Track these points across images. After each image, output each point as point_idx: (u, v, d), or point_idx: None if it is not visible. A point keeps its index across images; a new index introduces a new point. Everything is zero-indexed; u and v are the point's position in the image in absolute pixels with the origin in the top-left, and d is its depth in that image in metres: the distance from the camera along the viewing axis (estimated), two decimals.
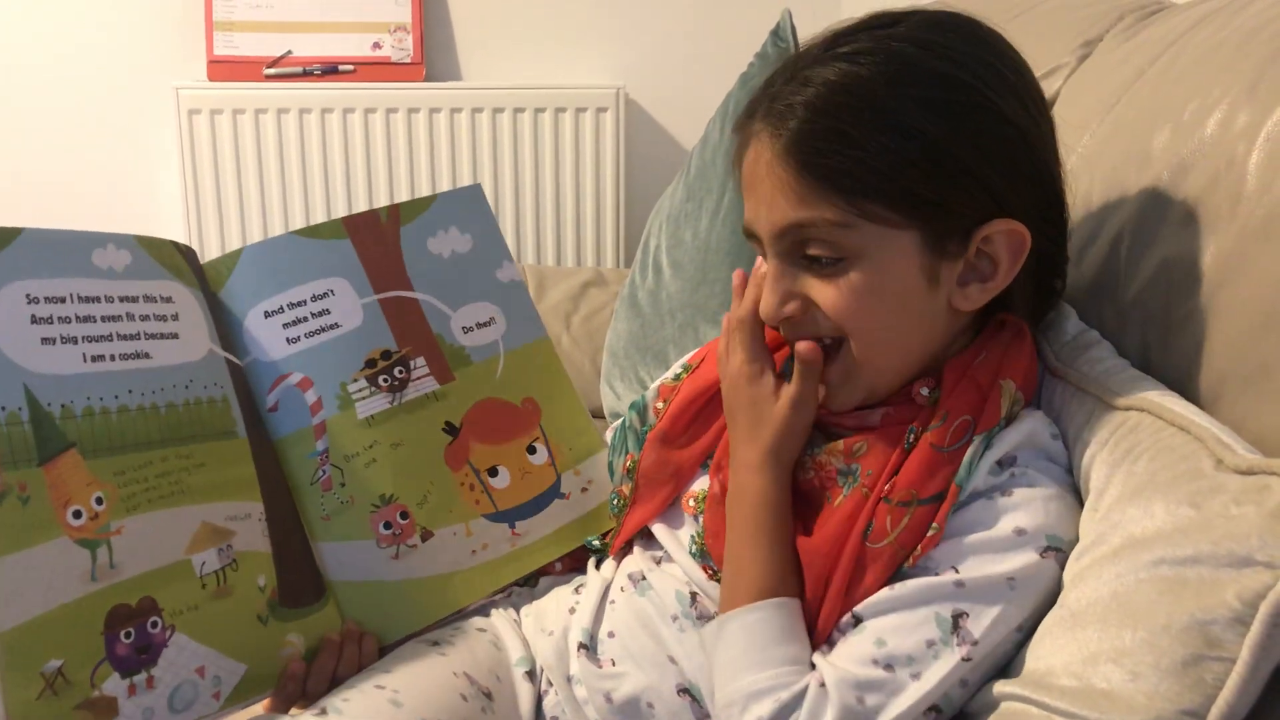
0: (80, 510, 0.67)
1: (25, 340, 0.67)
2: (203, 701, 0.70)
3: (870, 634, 0.67)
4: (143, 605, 0.68)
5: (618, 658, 0.80)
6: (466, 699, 0.76)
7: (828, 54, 0.70)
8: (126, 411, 0.72)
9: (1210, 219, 0.71)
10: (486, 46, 2.02)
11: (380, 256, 0.91)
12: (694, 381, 0.87)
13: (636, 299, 1.38)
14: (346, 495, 0.85)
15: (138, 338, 0.74)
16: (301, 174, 1.92)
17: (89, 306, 0.72)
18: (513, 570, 0.91)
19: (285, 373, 0.86)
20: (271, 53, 1.92)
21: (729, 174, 1.28)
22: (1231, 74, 0.74)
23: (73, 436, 0.68)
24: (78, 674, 0.64)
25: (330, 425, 0.86)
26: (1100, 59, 0.96)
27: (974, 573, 0.66)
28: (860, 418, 0.75)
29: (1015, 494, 0.68)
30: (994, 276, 0.71)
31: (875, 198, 0.68)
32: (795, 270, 0.72)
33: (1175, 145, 0.76)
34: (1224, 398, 0.68)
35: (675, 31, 2.05)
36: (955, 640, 0.65)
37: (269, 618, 0.77)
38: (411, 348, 0.90)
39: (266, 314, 0.86)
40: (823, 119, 0.68)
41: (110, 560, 0.67)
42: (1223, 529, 0.55)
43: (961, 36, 0.71)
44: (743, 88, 1.35)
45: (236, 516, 0.77)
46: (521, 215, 2.00)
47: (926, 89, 0.68)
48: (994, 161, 0.68)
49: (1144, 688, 0.55)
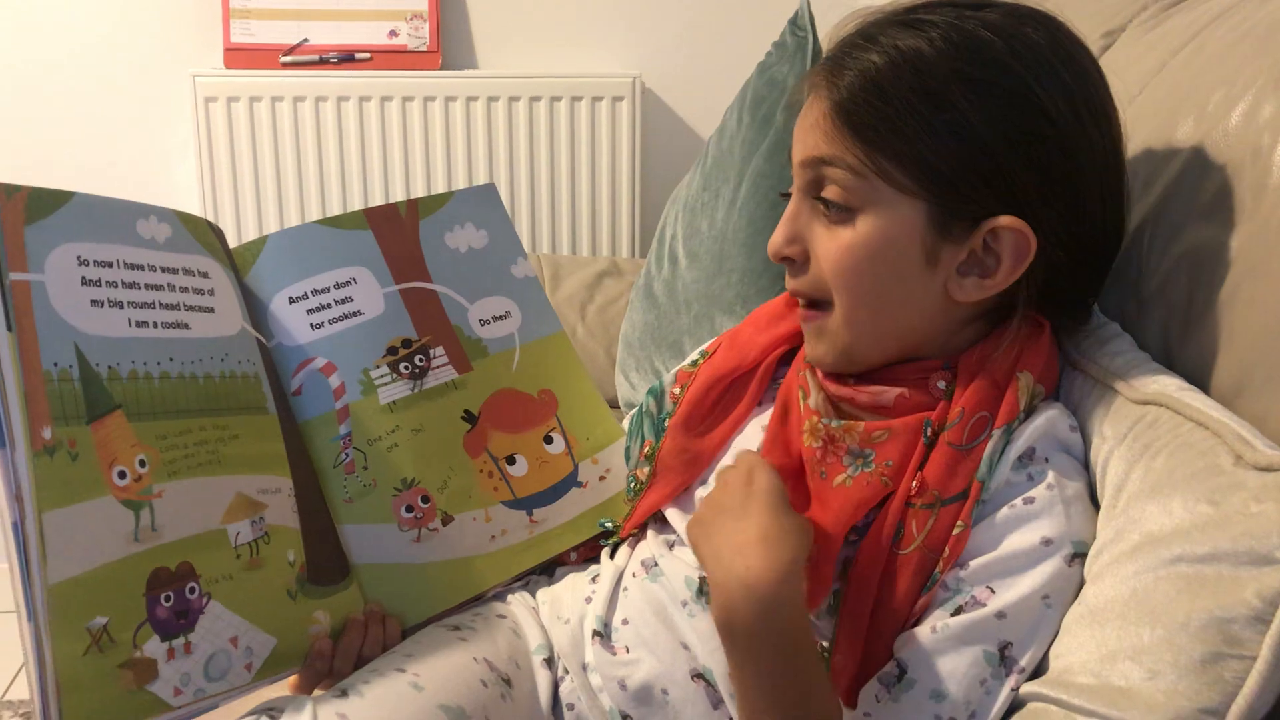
0: (125, 471, 0.67)
1: (76, 301, 0.68)
2: (235, 672, 0.70)
3: (923, 690, 0.66)
4: (181, 570, 0.69)
5: (631, 645, 0.80)
6: (486, 685, 0.77)
7: (902, 18, 0.71)
8: (168, 378, 0.72)
9: (1234, 211, 0.71)
10: (503, 35, 2.02)
11: (400, 248, 0.93)
12: (711, 368, 0.87)
13: (652, 289, 1.37)
14: (369, 478, 0.86)
15: (178, 308, 0.75)
16: (318, 161, 1.92)
17: (134, 273, 0.73)
18: (531, 556, 0.92)
19: (309, 357, 0.87)
20: (288, 40, 1.92)
21: (746, 164, 1.28)
22: (1256, 65, 0.73)
23: (119, 398, 0.68)
24: (121, 633, 0.64)
25: (353, 410, 0.87)
26: (1123, 49, 0.95)
27: (1010, 597, 0.66)
28: (875, 394, 0.74)
29: (1037, 500, 0.68)
30: (994, 274, 0.70)
31: (891, 157, 0.69)
32: (809, 214, 0.74)
33: (1199, 136, 0.75)
34: (1246, 393, 0.67)
35: (692, 20, 2.04)
36: (1004, 671, 0.65)
37: (298, 593, 0.78)
38: (431, 337, 0.92)
39: (291, 299, 0.88)
40: (872, 73, 0.70)
41: (152, 523, 0.68)
42: (1242, 526, 0.55)
43: (1036, 31, 0.70)
44: (760, 77, 1.34)
45: (268, 490, 0.78)
46: (537, 204, 2.00)
47: (973, 67, 0.68)
48: (1021, 155, 0.68)
49: (1163, 686, 0.54)
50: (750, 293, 1.22)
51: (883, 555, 0.69)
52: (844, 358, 0.75)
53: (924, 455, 0.70)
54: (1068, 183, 0.69)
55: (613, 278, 1.68)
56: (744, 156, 1.29)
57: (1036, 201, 0.68)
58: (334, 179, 1.93)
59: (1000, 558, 0.67)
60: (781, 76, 1.29)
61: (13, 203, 0.66)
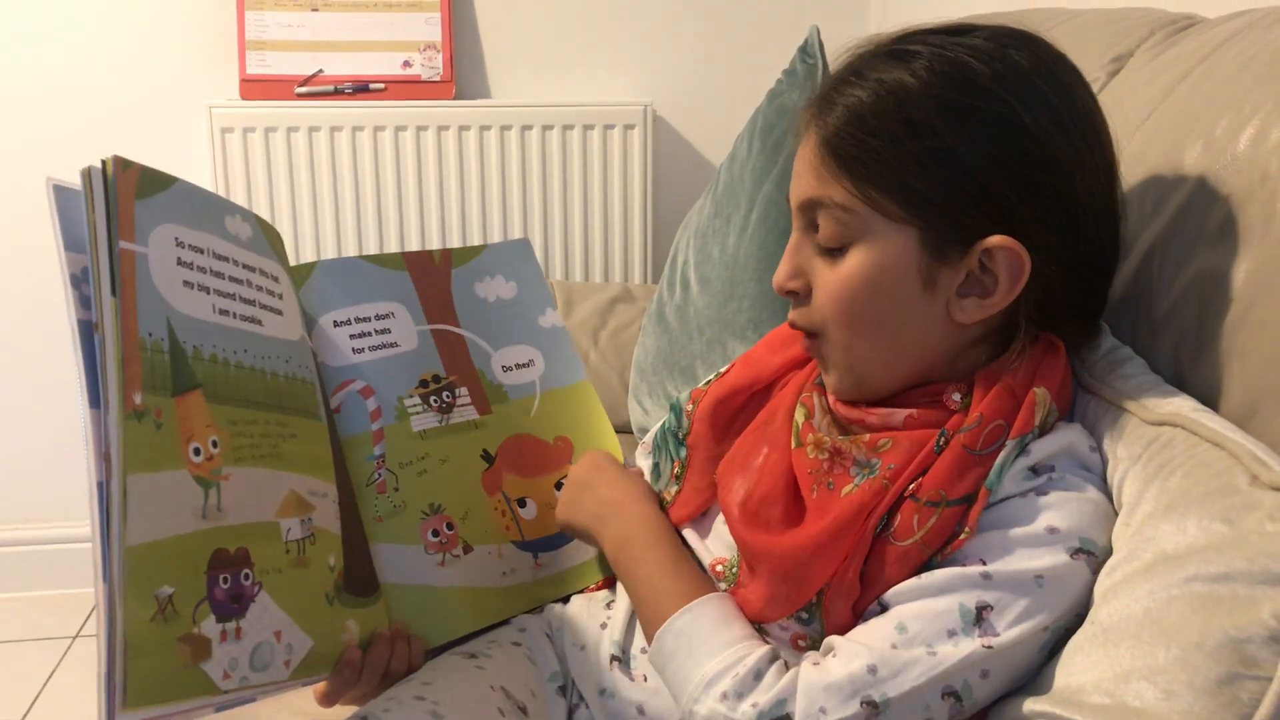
0: (199, 448, 0.68)
1: (172, 278, 0.70)
2: (276, 667, 0.71)
3: (893, 619, 0.67)
4: (239, 555, 0.69)
5: (650, 673, 0.80)
6: (504, 713, 0.77)
7: (889, 49, 0.72)
8: (242, 367, 0.74)
9: (1243, 235, 0.71)
10: (515, 65, 2.04)
11: (432, 291, 0.98)
12: (722, 384, 0.89)
13: (664, 315, 1.38)
14: (400, 500, 0.89)
15: (254, 304, 0.77)
16: (333, 191, 1.94)
17: (220, 264, 0.75)
18: (535, 598, 0.94)
19: (350, 379, 0.91)
20: (303, 72, 1.94)
21: (757, 190, 1.29)
22: (1264, 90, 0.73)
23: (200, 378, 0.70)
24: (184, 607, 0.65)
25: (387, 433, 0.90)
26: (1131, 74, 0.96)
27: (1002, 566, 0.66)
28: (884, 416, 0.75)
29: (1051, 495, 0.68)
30: (993, 294, 0.70)
31: (881, 188, 0.70)
32: (809, 250, 0.75)
33: (1207, 161, 0.76)
34: (1258, 414, 0.67)
35: (703, 49, 2.06)
36: (977, 632, 0.64)
37: (334, 599, 0.78)
38: (457, 377, 0.96)
39: (336, 323, 0.92)
40: (857, 108, 0.71)
41: (219, 503, 0.69)
42: (1258, 546, 0.55)
43: (1019, 52, 0.70)
44: (771, 104, 1.36)
45: (317, 493, 0.79)
46: (550, 231, 2.01)
47: (955, 94, 0.68)
48: (1009, 176, 0.68)
49: (1178, 706, 0.54)
50: (762, 317, 1.23)
51: (865, 535, 0.69)
52: (857, 386, 0.76)
53: (930, 459, 0.70)
54: (1058, 199, 0.69)
55: (625, 303, 1.69)
56: (755, 183, 1.30)
57: (1029, 219, 0.69)
58: (349, 208, 1.94)
59: (1001, 538, 0.67)
60: (791, 104, 1.30)
61: (126, 176, 0.68)
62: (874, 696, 0.64)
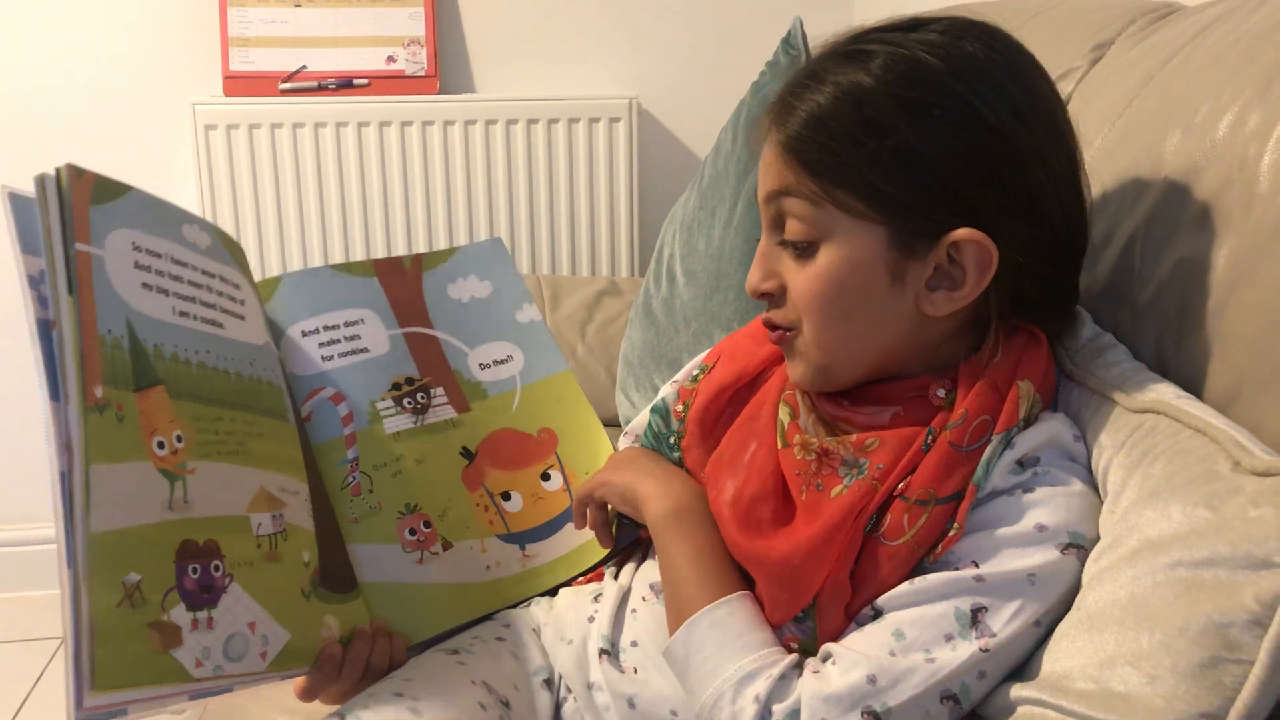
0: (163, 442, 0.70)
1: (130, 280, 0.71)
2: (251, 658, 0.71)
3: (889, 625, 0.67)
4: (208, 546, 0.71)
5: (640, 665, 0.80)
6: (485, 708, 0.77)
7: (846, 50, 0.72)
8: (204, 367, 0.76)
9: (1223, 221, 0.71)
10: (499, 59, 2.03)
11: (404, 296, 0.99)
12: (711, 382, 0.88)
13: (651, 308, 1.38)
14: (375, 501, 0.90)
15: (214, 308, 0.79)
16: (317, 187, 1.93)
17: (179, 269, 0.76)
18: (521, 590, 0.94)
19: (319, 386, 0.91)
20: (286, 68, 1.93)
21: (742, 182, 1.29)
22: (1243, 76, 0.74)
23: (161, 375, 0.71)
24: (152, 594, 0.66)
25: (360, 437, 0.91)
26: (1112, 62, 0.96)
27: (995, 568, 0.66)
28: (870, 415, 0.75)
29: (1038, 490, 0.68)
30: (962, 286, 0.70)
31: (844, 188, 0.70)
32: (780, 251, 0.75)
33: (1187, 148, 0.76)
34: (1240, 399, 0.68)
35: (687, 41, 2.06)
36: (974, 634, 0.65)
37: (310, 594, 0.79)
38: (432, 378, 0.97)
39: (304, 333, 0.92)
40: (816, 111, 0.71)
41: (185, 495, 0.70)
42: (1240, 531, 0.55)
43: (974, 44, 0.70)
44: (754, 96, 1.35)
45: (287, 490, 0.80)
46: (536, 225, 2.01)
47: (912, 91, 0.68)
48: (970, 170, 0.68)
49: (1162, 690, 0.54)
50: (748, 308, 1.23)
51: (855, 536, 0.70)
52: (821, 376, 0.76)
53: (918, 458, 0.70)
54: (1022, 189, 0.69)
55: (612, 297, 1.69)
56: (739, 175, 1.30)
57: (994, 211, 0.69)
58: (334, 204, 1.94)
59: (991, 539, 0.67)
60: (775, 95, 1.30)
61: (82, 183, 0.70)
62: (875, 706, 0.64)
